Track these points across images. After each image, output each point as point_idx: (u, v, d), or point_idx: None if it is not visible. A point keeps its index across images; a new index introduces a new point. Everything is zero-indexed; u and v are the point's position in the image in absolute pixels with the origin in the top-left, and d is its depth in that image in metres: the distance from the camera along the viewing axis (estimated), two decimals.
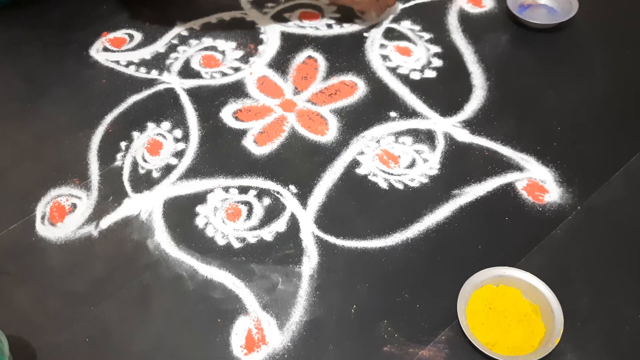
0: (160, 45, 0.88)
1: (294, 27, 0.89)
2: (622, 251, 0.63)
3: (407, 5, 0.91)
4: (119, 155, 0.74)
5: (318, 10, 0.92)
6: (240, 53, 0.86)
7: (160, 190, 0.70)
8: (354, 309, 0.60)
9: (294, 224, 0.66)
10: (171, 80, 0.83)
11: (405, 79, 0.81)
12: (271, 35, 0.88)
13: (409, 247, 0.64)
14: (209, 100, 0.80)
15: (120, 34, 0.90)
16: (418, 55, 0.83)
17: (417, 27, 0.87)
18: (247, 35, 0.88)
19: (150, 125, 0.77)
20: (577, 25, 0.85)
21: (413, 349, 0.56)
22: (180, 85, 0.82)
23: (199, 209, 0.68)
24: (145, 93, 0.81)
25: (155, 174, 0.72)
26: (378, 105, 0.78)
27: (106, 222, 0.68)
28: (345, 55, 0.84)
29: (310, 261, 0.63)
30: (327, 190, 0.69)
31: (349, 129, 0.75)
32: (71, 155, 0.75)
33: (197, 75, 0.83)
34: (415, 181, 0.69)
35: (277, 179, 0.71)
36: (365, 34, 0.87)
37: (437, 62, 0.82)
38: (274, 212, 0.68)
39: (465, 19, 0.88)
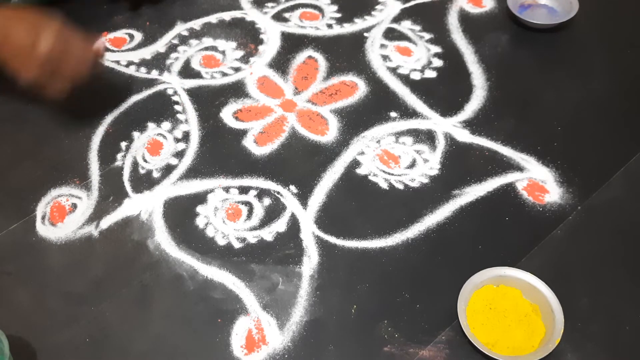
0: (160, 45, 0.88)
1: (294, 27, 0.89)
2: (622, 251, 0.63)
3: (407, 5, 0.91)
4: (119, 156, 0.74)
5: (318, 10, 0.92)
6: (240, 53, 0.86)
7: (160, 190, 0.70)
8: (354, 309, 0.60)
9: (294, 224, 0.66)
10: (171, 80, 0.83)
11: (405, 79, 0.81)
12: (271, 35, 0.88)
13: (409, 247, 0.64)
14: (209, 100, 0.80)
15: (121, 33, 0.90)
16: (418, 56, 0.83)
17: (418, 27, 0.87)
18: (247, 35, 0.88)
19: (151, 125, 0.77)
20: (577, 25, 0.85)
21: (413, 349, 0.56)
22: (181, 85, 0.82)
23: (199, 209, 0.68)
24: (146, 93, 0.81)
25: (156, 174, 0.72)
26: (378, 105, 0.78)
27: (106, 222, 0.68)
28: (346, 55, 0.84)
29: (310, 261, 0.63)
30: (327, 191, 0.69)
31: (349, 129, 0.75)
32: (71, 155, 0.75)
33: (197, 75, 0.83)
34: (415, 181, 0.69)
35: (277, 179, 0.71)
36: (365, 34, 0.87)
37: (438, 62, 0.82)
38: (274, 212, 0.68)
39: (465, 19, 0.88)
